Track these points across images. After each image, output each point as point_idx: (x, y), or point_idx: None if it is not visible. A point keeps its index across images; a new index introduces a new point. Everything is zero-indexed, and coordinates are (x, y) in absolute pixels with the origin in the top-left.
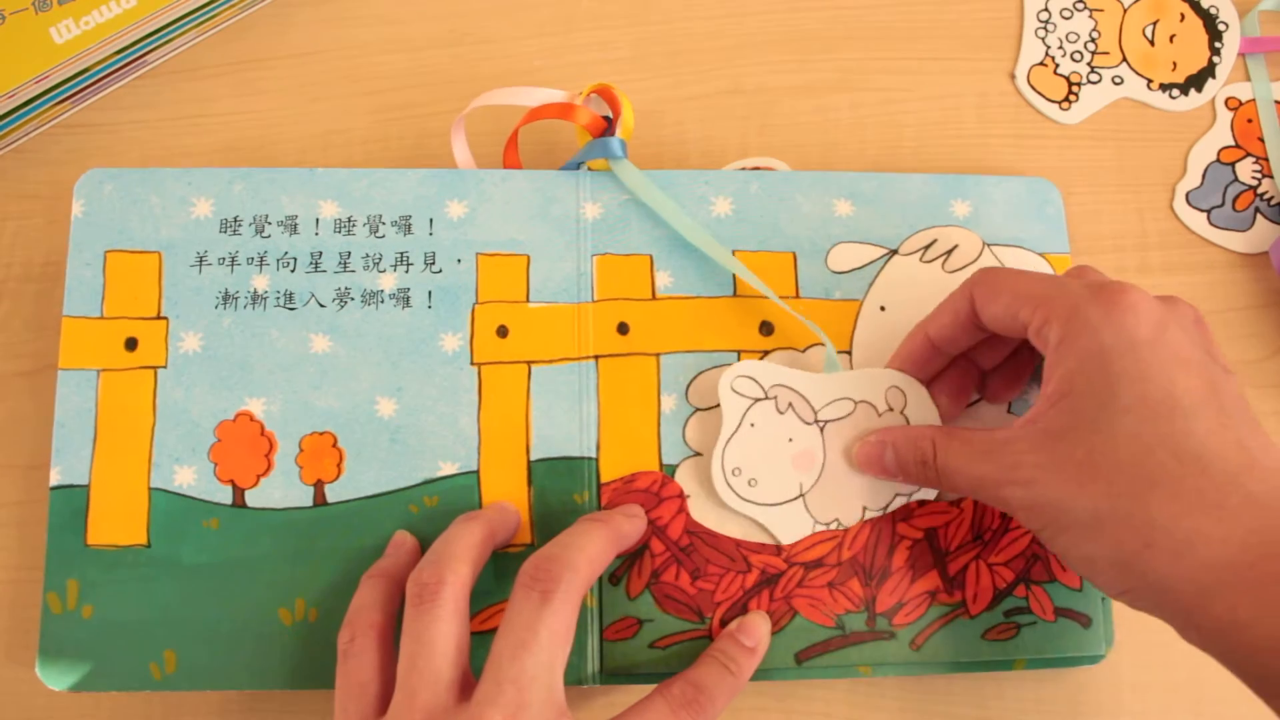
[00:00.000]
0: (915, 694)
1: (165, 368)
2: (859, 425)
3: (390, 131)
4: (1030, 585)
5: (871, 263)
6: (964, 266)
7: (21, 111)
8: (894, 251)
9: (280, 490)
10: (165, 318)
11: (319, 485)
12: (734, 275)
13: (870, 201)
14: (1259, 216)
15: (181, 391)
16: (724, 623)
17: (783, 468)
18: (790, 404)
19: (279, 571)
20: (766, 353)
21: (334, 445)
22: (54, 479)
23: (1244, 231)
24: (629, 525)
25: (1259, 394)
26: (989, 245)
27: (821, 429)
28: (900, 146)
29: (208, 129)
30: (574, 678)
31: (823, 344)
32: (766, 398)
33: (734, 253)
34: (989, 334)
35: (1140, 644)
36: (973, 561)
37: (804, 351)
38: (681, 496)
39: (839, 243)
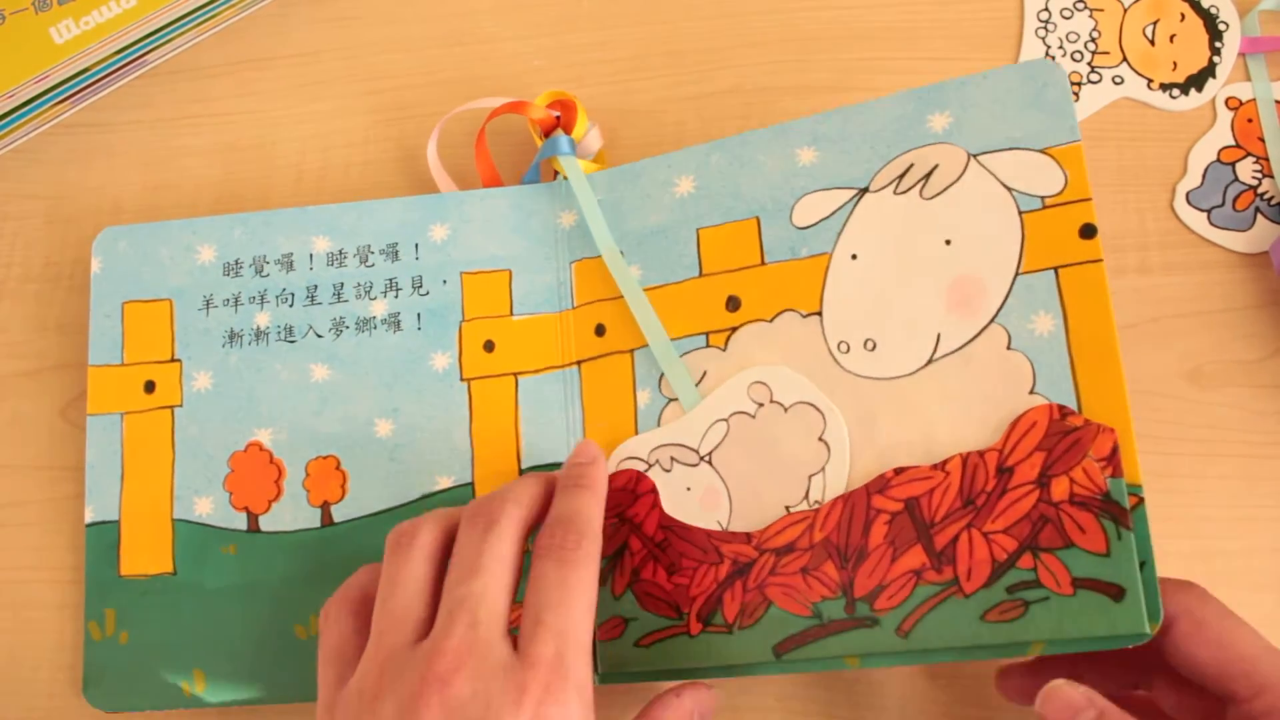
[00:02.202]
0: (917, 694)
1: (181, 406)
2: (742, 440)
3: (390, 131)
4: (1039, 554)
5: (839, 209)
6: (945, 188)
7: (21, 111)
8: (865, 190)
9: (290, 513)
10: (179, 360)
11: (325, 506)
12: (699, 252)
13: (835, 141)
14: (1259, 216)
15: (196, 428)
16: (701, 617)
17: (696, 516)
18: (672, 457)
19: (293, 591)
20: (735, 329)
21: (337, 468)
22: (88, 517)
23: (1244, 231)
24: (593, 470)
25: (1259, 394)
26: (976, 156)
27: (710, 461)
28: None
29: (208, 129)
30: None
31: (791, 309)
32: (650, 465)
33: (700, 230)
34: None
35: None
36: (964, 531)
37: (771, 321)
38: (654, 491)
39: (804, 194)
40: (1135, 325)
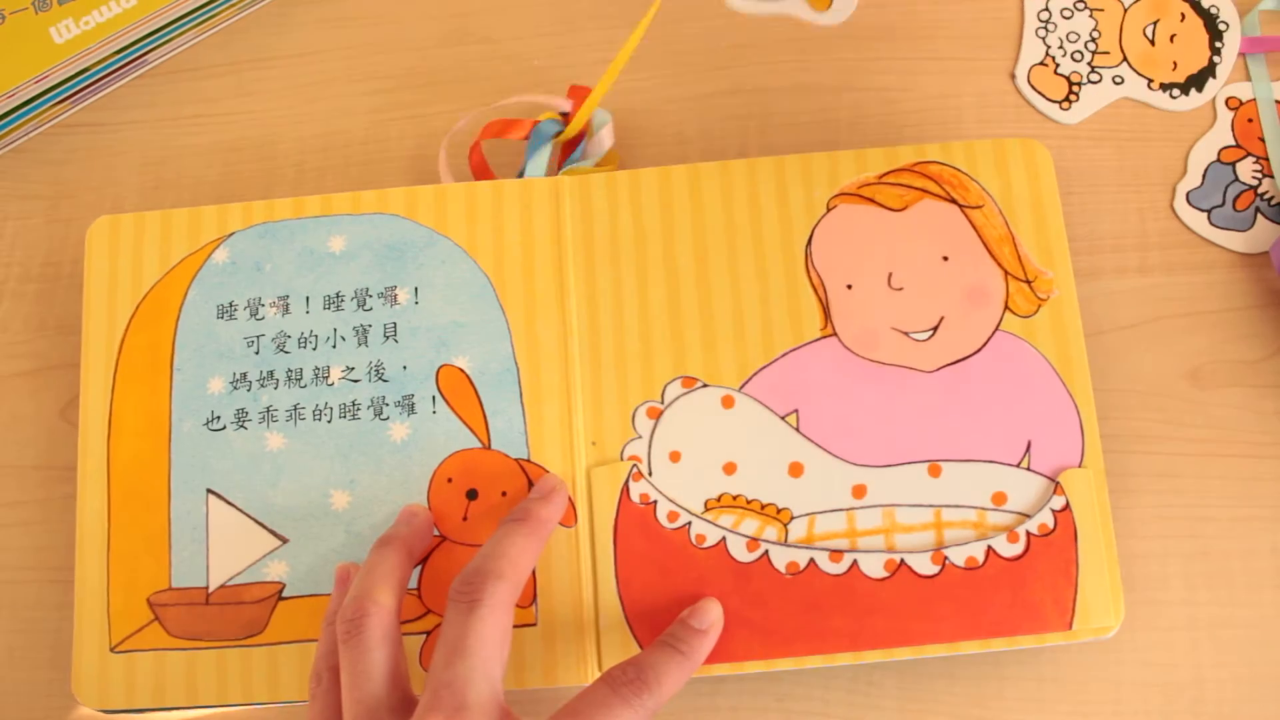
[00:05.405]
0: (915, 694)
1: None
2: None
3: (390, 131)
4: None
5: None
6: None
7: (21, 111)
8: None
9: None
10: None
11: None
12: None
13: None
14: (1259, 216)
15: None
16: None
17: None
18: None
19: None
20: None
21: None
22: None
23: (1244, 231)
24: (547, 510)
25: (1259, 394)
26: None
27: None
28: (900, 146)
29: (208, 129)
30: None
31: None
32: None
33: None
34: None
35: (1141, 644)
36: None
37: None
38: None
39: None
40: (1135, 325)
